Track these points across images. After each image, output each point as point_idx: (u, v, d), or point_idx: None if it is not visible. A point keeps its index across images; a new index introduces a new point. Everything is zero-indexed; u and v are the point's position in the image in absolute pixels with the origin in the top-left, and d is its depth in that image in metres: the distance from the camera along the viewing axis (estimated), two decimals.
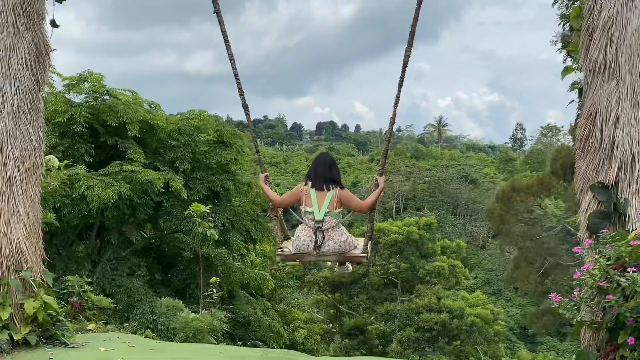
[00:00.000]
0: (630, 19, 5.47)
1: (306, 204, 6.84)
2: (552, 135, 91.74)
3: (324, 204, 6.78)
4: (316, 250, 6.80)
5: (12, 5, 6.10)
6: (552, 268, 36.26)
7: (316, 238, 6.76)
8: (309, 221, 6.78)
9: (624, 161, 5.39)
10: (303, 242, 6.84)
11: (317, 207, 6.78)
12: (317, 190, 6.82)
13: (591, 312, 4.96)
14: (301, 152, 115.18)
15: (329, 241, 6.82)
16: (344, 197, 6.86)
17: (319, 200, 6.80)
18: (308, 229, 6.80)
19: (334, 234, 6.85)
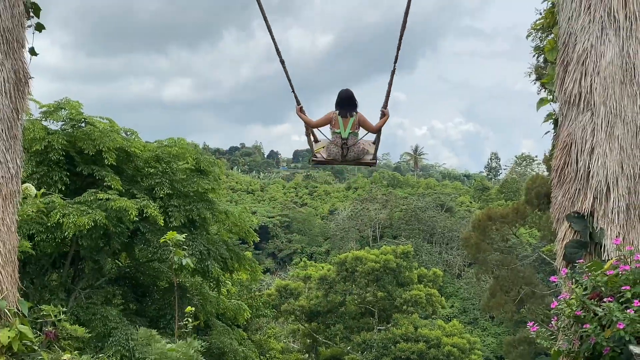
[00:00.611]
0: (604, 52, 5.59)
1: (334, 126, 9.12)
2: (526, 164, 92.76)
3: (347, 126, 9.03)
4: (342, 158, 9.26)
5: None
6: (528, 297, 36.43)
7: (342, 150, 9.15)
8: (337, 138, 9.12)
9: (599, 191, 5.47)
10: (332, 152, 9.27)
11: (344, 128, 9.05)
12: (342, 117, 9.05)
13: (568, 341, 5.00)
14: (278, 180, 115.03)
15: (351, 152, 9.20)
16: (362, 120, 9.10)
17: (344, 124, 9.04)
18: (336, 145, 9.17)
19: (355, 147, 9.20)
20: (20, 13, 6.40)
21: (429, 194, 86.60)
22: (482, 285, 53.27)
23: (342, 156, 9.25)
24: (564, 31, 5.92)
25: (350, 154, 9.24)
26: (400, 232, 77.06)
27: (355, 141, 9.20)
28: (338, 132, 9.13)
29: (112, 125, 19.90)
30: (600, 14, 5.67)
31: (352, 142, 9.16)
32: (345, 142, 9.12)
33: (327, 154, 9.43)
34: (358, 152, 9.29)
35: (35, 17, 6.73)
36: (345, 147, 9.16)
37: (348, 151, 9.20)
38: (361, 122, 9.15)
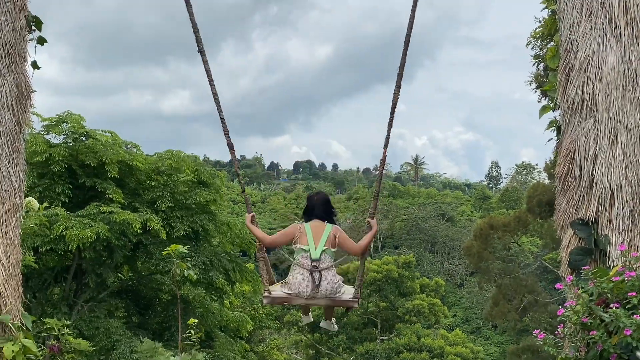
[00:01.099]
0: (606, 58, 5.60)
1: (301, 242, 6.62)
2: (527, 172, 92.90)
3: (320, 241, 6.60)
4: (313, 292, 6.53)
5: None
6: (531, 305, 36.35)
7: (313, 278, 6.51)
8: (305, 260, 6.57)
9: (603, 198, 5.47)
10: (298, 283, 6.57)
11: (314, 244, 6.58)
12: (314, 224, 6.72)
13: (575, 348, 4.99)
14: (279, 192, 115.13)
15: (324, 282, 6.57)
16: (341, 236, 6.71)
17: (315, 238, 6.61)
18: (304, 270, 6.56)
19: (328, 274, 6.62)
20: (22, 27, 6.42)
21: (430, 204, 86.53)
22: (485, 294, 53.18)
23: (314, 286, 6.52)
24: (565, 38, 5.93)
25: (323, 286, 6.56)
26: (401, 242, 76.96)
27: (330, 265, 6.62)
28: (306, 250, 6.58)
29: (115, 138, 19.97)
30: (601, 20, 5.68)
31: (325, 265, 6.55)
32: (316, 265, 6.53)
33: (288, 287, 6.68)
34: (334, 284, 6.64)
35: (37, 30, 6.75)
36: (317, 273, 6.52)
37: (320, 279, 6.54)
38: (340, 239, 6.71)
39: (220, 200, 22.70)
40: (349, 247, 6.82)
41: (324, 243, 6.59)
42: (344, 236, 6.76)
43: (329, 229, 6.70)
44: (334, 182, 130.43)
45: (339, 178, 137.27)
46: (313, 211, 6.86)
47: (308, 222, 6.75)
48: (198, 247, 20.59)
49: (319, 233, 6.64)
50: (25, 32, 6.50)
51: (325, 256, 6.59)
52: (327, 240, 6.61)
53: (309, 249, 6.56)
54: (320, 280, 6.53)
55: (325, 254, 6.59)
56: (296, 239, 6.67)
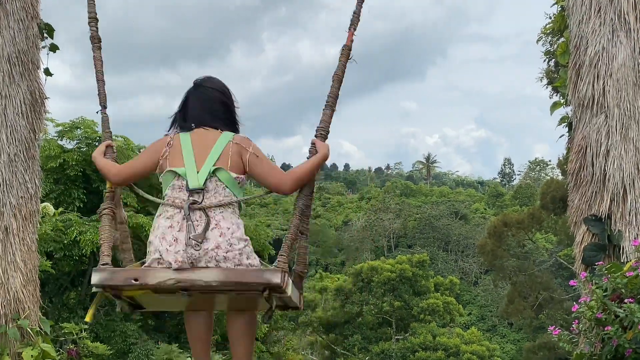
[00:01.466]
0: (616, 54, 5.61)
1: (171, 163, 3.72)
2: (540, 169, 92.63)
3: (209, 158, 3.68)
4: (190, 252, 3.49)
5: (7, 55, 6.19)
6: (547, 302, 36.31)
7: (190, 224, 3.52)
8: (177, 193, 3.67)
9: (616, 193, 5.47)
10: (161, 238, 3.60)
11: (194, 164, 3.66)
12: (196, 138, 3.78)
13: (590, 344, 5.00)
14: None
15: (214, 230, 3.54)
16: (249, 153, 3.75)
17: (197, 153, 3.69)
18: (174, 211, 3.63)
19: (223, 220, 3.59)
20: (34, 34, 6.50)
21: (443, 202, 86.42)
22: (500, 291, 53.10)
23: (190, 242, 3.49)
24: (575, 34, 5.94)
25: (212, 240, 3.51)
26: (415, 241, 76.93)
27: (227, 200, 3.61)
28: (181, 176, 3.68)
29: (128, 143, 20.11)
30: (610, 16, 5.68)
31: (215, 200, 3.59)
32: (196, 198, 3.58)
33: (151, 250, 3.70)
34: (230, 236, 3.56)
35: (49, 37, 6.82)
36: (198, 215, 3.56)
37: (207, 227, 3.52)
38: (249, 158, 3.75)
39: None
40: (267, 173, 3.79)
41: (215, 161, 3.66)
42: (256, 153, 3.78)
43: (226, 137, 3.77)
44: (346, 182, 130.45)
45: (351, 178, 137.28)
46: (195, 111, 3.90)
47: (186, 132, 3.84)
48: None
49: (207, 146, 3.73)
50: (38, 39, 6.58)
51: (216, 183, 3.65)
52: (221, 155, 3.68)
53: (186, 172, 3.64)
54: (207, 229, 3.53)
55: (215, 179, 3.65)
56: (163, 161, 3.77)
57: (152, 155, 3.85)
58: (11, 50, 6.20)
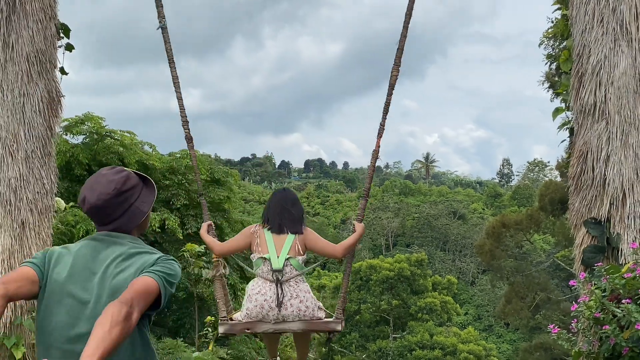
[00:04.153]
0: (618, 62, 5.78)
1: (261, 250, 5.46)
2: (538, 170, 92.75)
3: (283, 249, 5.43)
4: (277, 310, 5.34)
5: (26, 54, 6.35)
6: (544, 303, 36.44)
7: (277, 292, 5.33)
8: (265, 271, 5.43)
9: (615, 197, 5.64)
10: (257, 301, 5.38)
11: (275, 252, 5.41)
12: (274, 233, 5.51)
13: (588, 342, 5.16)
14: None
15: (293, 299, 5.38)
16: (309, 238, 5.57)
17: (277, 245, 5.44)
18: (265, 282, 5.41)
19: (298, 289, 5.43)
20: (52, 34, 6.67)
21: (441, 202, 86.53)
22: (497, 291, 53.25)
23: (278, 302, 5.32)
24: (577, 43, 6.10)
25: (291, 303, 5.35)
26: (413, 240, 77.07)
27: (296, 276, 5.41)
28: (266, 259, 5.42)
29: (132, 138, 20.24)
30: (612, 26, 5.85)
31: (290, 275, 5.37)
32: (278, 277, 5.35)
33: (246, 308, 5.50)
34: (307, 303, 5.42)
35: (65, 37, 6.99)
36: (280, 286, 5.35)
37: (283, 297, 5.33)
38: (309, 243, 5.55)
39: (235, 198, 22.96)
40: (323, 247, 5.65)
41: (287, 251, 5.43)
42: (315, 238, 5.63)
43: (291, 238, 5.48)
44: (345, 180, 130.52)
45: (350, 176, 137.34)
46: (276, 217, 5.60)
47: (270, 230, 5.53)
48: None
49: (281, 241, 5.49)
50: (55, 39, 6.75)
51: (290, 268, 5.42)
52: (290, 247, 5.46)
53: (270, 257, 5.41)
54: (284, 297, 5.35)
55: (290, 265, 5.43)
56: (255, 246, 5.53)
57: (245, 239, 5.67)
58: (30, 50, 6.38)
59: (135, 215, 3.12)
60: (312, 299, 5.49)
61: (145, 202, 3.16)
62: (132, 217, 3.11)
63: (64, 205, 8.50)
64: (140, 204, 3.14)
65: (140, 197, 3.15)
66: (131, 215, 3.11)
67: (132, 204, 3.11)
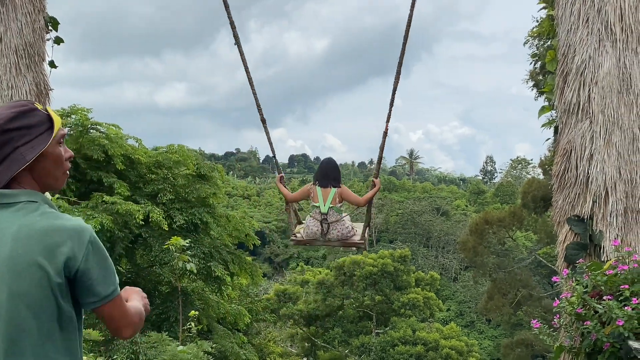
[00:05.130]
0: (602, 63, 5.87)
1: (314, 200, 8.34)
2: (521, 167, 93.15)
3: (327, 200, 8.21)
4: (323, 238, 8.30)
5: (14, 47, 6.35)
6: (525, 299, 36.71)
7: (322, 227, 8.24)
8: (316, 214, 8.28)
9: (598, 195, 5.74)
10: (312, 230, 8.35)
11: (323, 202, 8.23)
12: (322, 188, 8.26)
13: (570, 337, 5.25)
14: (274, 185, 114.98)
15: (333, 230, 8.26)
16: (344, 194, 8.33)
17: (324, 197, 8.24)
18: (315, 220, 8.30)
19: (337, 224, 8.28)
20: (40, 27, 6.67)
21: (425, 198, 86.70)
22: (479, 288, 53.58)
23: (323, 234, 8.26)
24: (563, 43, 6.19)
25: (332, 232, 8.26)
26: (396, 236, 77.18)
27: (338, 218, 8.29)
28: (317, 206, 8.28)
29: (117, 132, 20.15)
30: (597, 26, 5.95)
31: (333, 219, 8.24)
32: (324, 217, 8.22)
33: (306, 232, 8.44)
34: (342, 230, 8.32)
35: (54, 30, 6.98)
36: (325, 224, 8.24)
37: (329, 228, 8.23)
38: (344, 196, 8.35)
39: (220, 193, 22.93)
40: (353, 200, 8.41)
41: (331, 200, 8.19)
42: (347, 192, 8.43)
43: (333, 191, 8.24)
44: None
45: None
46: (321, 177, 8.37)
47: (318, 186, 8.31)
48: (197, 239, 20.79)
49: (327, 193, 8.24)
50: (44, 32, 6.75)
51: (332, 212, 8.23)
52: (332, 199, 8.21)
53: (319, 205, 8.23)
54: (329, 230, 8.22)
55: (332, 210, 8.22)
56: (311, 196, 8.40)
57: (305, 193, 8.58)
58: (18, 43, 6.38)
59: (14, 163, 2.40)
60: (346, 228, 8.33)
61: (34, 148, 2.42)
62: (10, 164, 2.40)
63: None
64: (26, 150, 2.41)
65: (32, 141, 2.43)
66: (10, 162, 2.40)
67: (17, 148, 2.40)
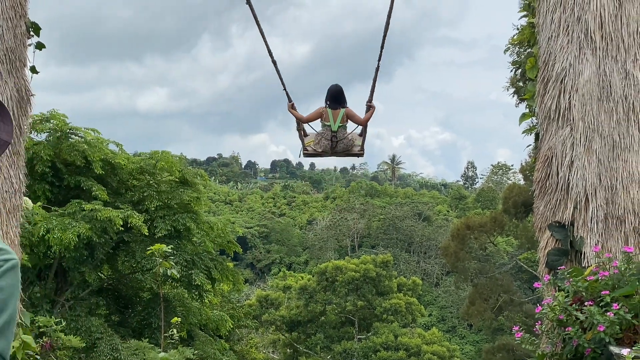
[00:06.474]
0: (582, 70, 5.93)
1: (325, 119, 9.82)
2: (502, 173, 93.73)
3: (337, 119, 9.73)
4: (332, 150, 9.89)
5: None
6: (506, 304, 36.87)
7: (332, 142, 9.81)
8: (327, 131, 9.81)
9: (579, 202, 5.78)
10: (323, 145, 9.89)
11: (333, 121, 9.74)
12: (332, 110, 9.74)
13: (552, 344, 5.28)
14: (256, 191, 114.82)
15: (340, 144, 9.86)
16: (350, 114, 9.83)
17: (334, 117, 9.73)
18: (326, 137, 9.82)
19: (344, 139, 9.86)
20: (22, 33, 6.61)
21: (407, 204, 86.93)
22: (460, 293, 53.74)
23: (332, 148, 9.86)
24: (543, 51, 6.25)
25: (339, 146, 9.86)
26: (378, 242, 77.32)
27: (344, 134, 9.87)
28: (328, 125, 9.80)
29: (98, 137, 20.04)
30: (577, 34, 6.00)
31: (341, 135, 9.82)
32: (334, 134, 9.78)
33: (317, 147, 10.03)
34: (347, 143, 9.94)
35: (36, 35, 6.93)
36: (335, 140, 9.80)
37: (337, 143, 9.83)
38: (350, 116, 9.83)
39: (204, 200, 22.89)
40: (357, 119, 9.90)
41: (340, 121, 9.74)
42: (352, 112, 9.87)
43: (342, 111, 9.76)
44: (312, 181, 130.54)
45: (317, 177, 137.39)
46: (332, 100, 9.78)
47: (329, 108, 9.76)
48: (180, 245, 20.71)
49: (337, 114, 9.73)
50: (25, 37, 6.69)
51: (340, 130, 9.81)
52: (341, 118, 9.75)
53: (330, 124, 9.76)
54: (337, 143, 9.80)
55: (341, 128, 9.81)
56: (323, 117, 9.82)
57: (318, 114, 9.87)
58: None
59: None
60: (350, 141, 9.96)
61: None
62: None
63: (31, 204, 8.40)
64: None
65: None
66: None
67: None
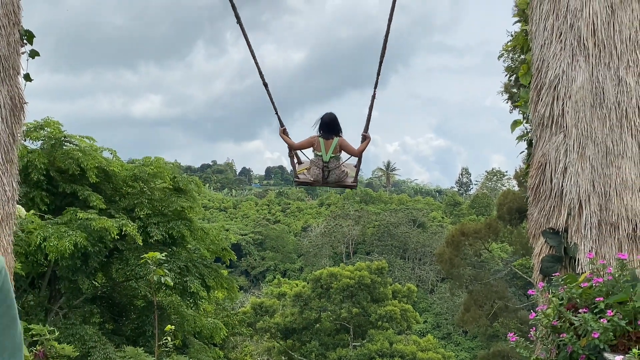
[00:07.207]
0: (575, 77, 5.94)
1: (316, 149, 9.46)
2: (496, 179, 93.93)
3: (329, 149, 9.36)
4: (324, 180, 9.58)
5: None
6: (501, 311, 36.88)
7: (323, 172, 9.47)
8: (319, 161, 9.46)
9: (572, 208, 5.79)
10: (314, 173, 9.57)
11: (325, 151, 9.38)
12: (325, 140, 9.35)
13: (546, 350, 5.27)
14: (251, 197, 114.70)
15: (332, 175, 9.51)
16: (343, 144, 9.45)
17: (326, 147, 9.37)
18: (317, 167, 9.50)
19: (336, 170, 9.53)
20: (15, 40, 6.60)
21: (402, 210, 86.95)
22: (455, 300, 53.74)
23: (323, 178, 9.52)
24: (537, 57, 6.26)
25: (331, 177, 9.52)
26: (373, 248, 77.31)
27: (337, 165, 9.51)
28: (320, 155, 9.43)
29: (92, 145, 19.99)
30: (570, 41, 6.02)
31: (333, 166, 9.46)
32: (326, 165, 9.41)
33: (309, 175, 9.71)
34: (339, 174, 9.58)
35: (29, 44, 6.92)
36: (326, 170, 9.46)
37: (329, 174, 9.49)
38: (343, 147, 9.46)
39: (198, 207, 22.82)
40: (350, 150, 9.57)
41: (332, 151, 9.37)
42: (346, 143, 9.50)
43: (335, 141, 9.38)
44: (306, 188, 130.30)
45: None
46: (325, 129, 9.41)
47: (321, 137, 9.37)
48: (174, 252, 20.65)
49: (329, 144, 9.35)
50: (19, 45, 6.67)
51: (332, 160, 9.44)
52: (334, 149, 9.38)
53: (322, 154, 9.39)
54: (329, 174, 9.46)
55: (333, 159, 9.43)
56: (315, 146, 9.46)
57: (310, 143, 9.46)
58: None
59: None
60: (342, 172, 9.60)
61: None
62: None
63: (24, 212, 8.36)
64: None
65: None
66: None
67: None
